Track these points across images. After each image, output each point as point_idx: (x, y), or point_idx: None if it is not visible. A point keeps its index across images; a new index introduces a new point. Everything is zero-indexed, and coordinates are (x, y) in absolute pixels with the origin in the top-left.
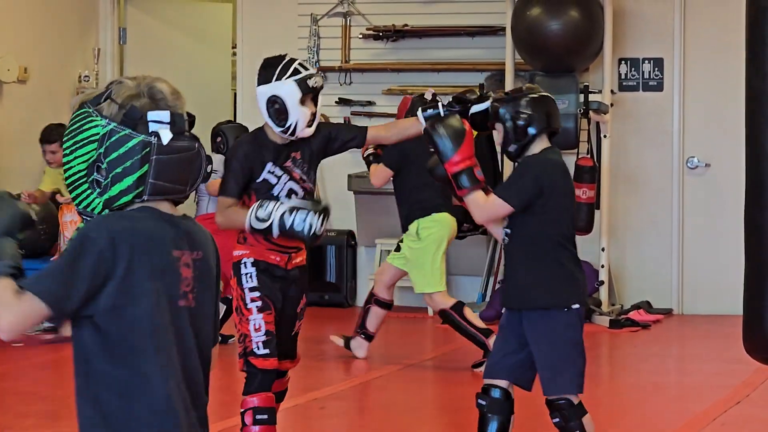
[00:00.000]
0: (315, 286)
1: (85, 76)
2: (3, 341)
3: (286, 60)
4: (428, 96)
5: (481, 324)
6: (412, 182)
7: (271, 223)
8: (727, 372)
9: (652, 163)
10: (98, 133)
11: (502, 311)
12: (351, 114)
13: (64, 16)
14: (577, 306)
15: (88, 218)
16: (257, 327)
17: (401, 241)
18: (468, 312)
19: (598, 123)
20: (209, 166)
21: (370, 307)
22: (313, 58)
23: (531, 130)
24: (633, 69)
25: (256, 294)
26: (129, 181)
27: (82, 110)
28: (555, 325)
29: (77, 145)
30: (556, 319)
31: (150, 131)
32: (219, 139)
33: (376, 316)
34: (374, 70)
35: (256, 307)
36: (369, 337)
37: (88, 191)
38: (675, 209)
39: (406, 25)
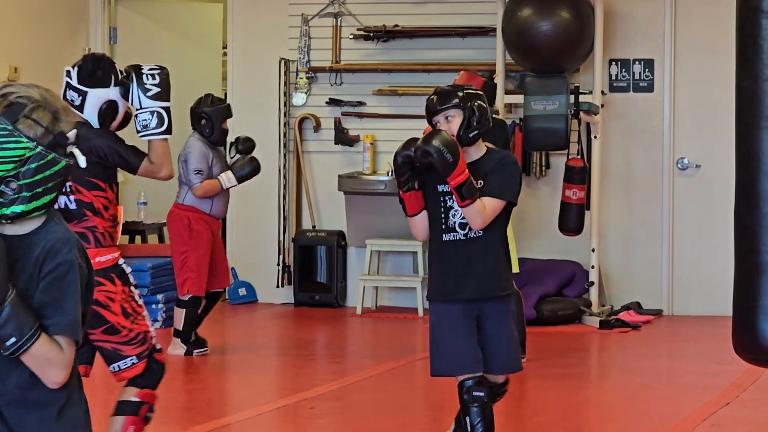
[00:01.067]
0: (305, 286)
1: None
2: None
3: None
4: None
5: None
6: None
7: None
8: (717, 373)
9: (642, 164)
10: (23, 155)
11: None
12: (342, 114)
13: (55, 15)
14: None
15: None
16: (150, 323)
17: None
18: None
19: (588, 124)
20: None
21: None
22: (303, 58)
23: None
24: (623, 70)
25: (138, 291)
26: (47, 199)
27: (2, 126)
28: (512, 308)
29: None
30: (512, 304)
31: (67, 153)
32: (204, 122)
33: None
34: (365, 71)
35: (143, 303)
36: None
37: None
38: (665, 210)
39: (396, 25)
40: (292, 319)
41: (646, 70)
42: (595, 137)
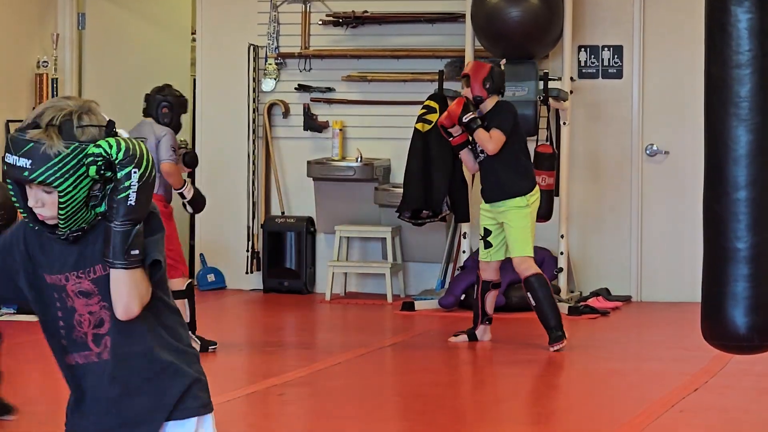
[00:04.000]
0: (274, 272)
1: (44, 62)
2: None
3: None
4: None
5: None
6: (521, 152)
7: None
8: (686, 359)
9: (611, 151)
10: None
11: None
12: (311, 100)
13: (23, 0)
14: None
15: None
16: None
17: (486, 236)
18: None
19: (557, 110)
20: None
21: (489, 293)
22: (272, 44)
23: None
24: (592, 56)
25: None
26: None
27: (73, 147)
28: None
29: (78, 180)
30: None
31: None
32: (165, 110)
33: (492, 298)
34: (334, 57)
35: None
36: (490, 320)
37: (83, 211)
38: (634, 196)
39: (365, 11)
40: (261, 305)
41: (615, 56)
42: (564, 123)
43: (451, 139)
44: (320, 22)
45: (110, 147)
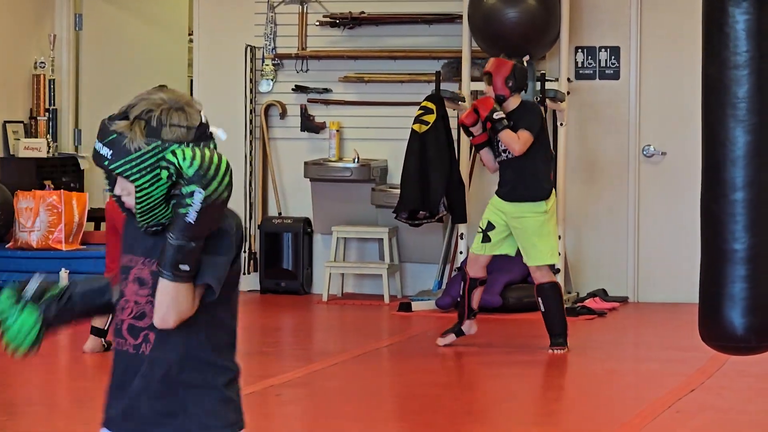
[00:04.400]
0: (271, 273)
1: (41, 63)
2: None
3: None
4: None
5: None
6: (544, 153)
7: None
8: (683, 360)
9: (608, 152)
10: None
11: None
12: (308, 101)
13: (19, 1)
14: None
15: (157, 227)
16: None
17: (488, 230)
18: None
19: (554, 111)
20: None
21: (476, 290)
22: (269, 45)
23: None
24: (589, 57)
25: None
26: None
27: (154, 145)
28: None
29: (155, 178)
30: None
31: (209, 135)
32: None
33: (478, 294)
34: (331, 58)
35: None
36: (475, 315)
37: (162, 207)
38: (631, 197)
39: (363, 12)
40: (258, 306)
41: (612, 57)
42: (561, 124)
43: (471, 138)
44: (317, 23)
45: (183, 159)
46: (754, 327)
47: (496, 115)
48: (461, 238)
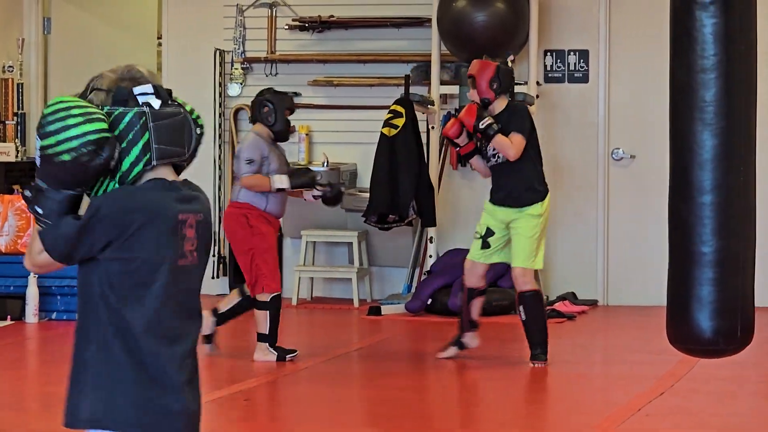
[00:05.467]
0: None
1: (9, 67)
2: None
3: None
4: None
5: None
6: (537, 157)
7: None
8: (652, 362)
9: (577, 155)
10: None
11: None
12: None
13: None
14: None
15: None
16: None
17: (488, 236)
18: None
19: None
20: (198, 129)
21: (474, 301)
22: (239, 49)
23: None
24: (558, 61)
25: None
26: (136, 151)
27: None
28: None
29: None
30: None
31: (141, 103)
32: (266, 108)
33: (478, 305)
34: (300, 61)
35: None
36: (477, 326)
37: (101, 178)
38: (600, 201)
39: (332, 16)
40: None
41: (581, 61)
42: None
43: (458, 149)
44: (286, 27)
45: (48, 107)
46: (721, 330)
47: (482, 124)
48: (431, 242)
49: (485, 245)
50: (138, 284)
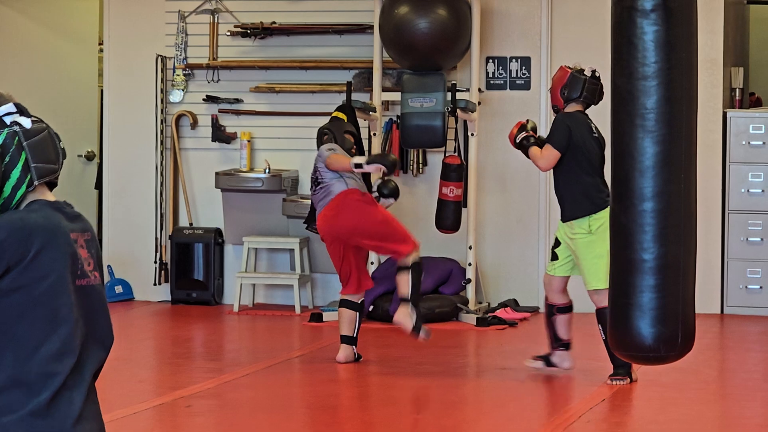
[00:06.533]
0: (182, 283)
1: None
2: None
3: None
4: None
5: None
6: (580, 169)
7: None
8: (593, 369)
9: (519, 162)
10: None
11: None
12: (219, 111)
13: None
14: None
15: None
16: None
17: (555, 247)
18: None
19: (465, 121)
20: (60, 142)
21: (555, 318)
22: (180, 55)
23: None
24: (500, 68)
25: None
26: (16, 173)
27: None
28: None
29: None
30: None
31: (9, 123)
32: (326, 137)
33: (563, 323)
34: (242, 68)
35: None
36: (567, 346)
37: None
38: (541, 208)
39: (274, 22)
40: (168, 316)
41: (523, 67)
42: (472, 135)
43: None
44: (228, 33)
45: None
46: (662, 337)
47: (518, 138)
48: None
49: (554, 257)
50: (45, 310)
